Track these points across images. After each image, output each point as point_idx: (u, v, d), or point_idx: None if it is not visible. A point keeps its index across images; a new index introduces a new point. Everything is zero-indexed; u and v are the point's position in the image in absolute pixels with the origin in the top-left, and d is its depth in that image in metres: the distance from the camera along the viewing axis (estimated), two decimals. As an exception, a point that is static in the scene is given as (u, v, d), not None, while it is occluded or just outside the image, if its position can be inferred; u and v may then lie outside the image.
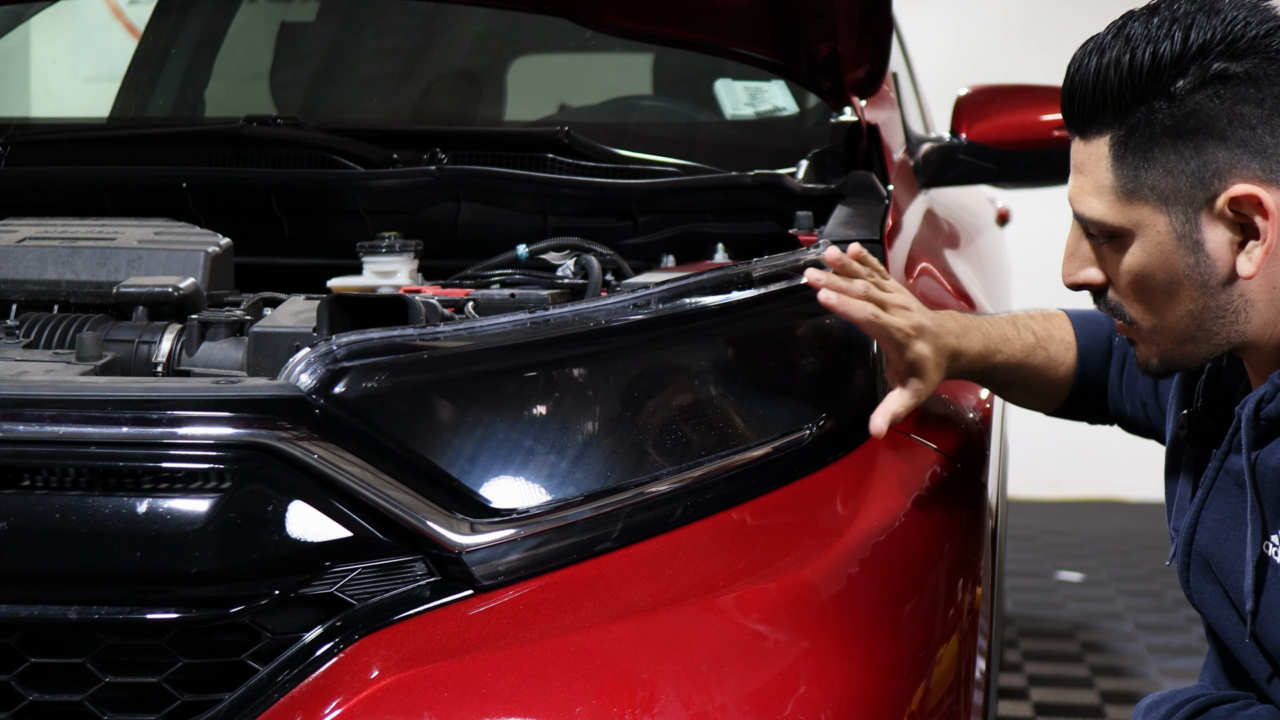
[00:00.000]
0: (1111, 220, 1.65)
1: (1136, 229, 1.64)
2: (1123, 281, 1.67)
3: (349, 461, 1.56)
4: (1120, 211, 1.64)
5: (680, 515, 1.66)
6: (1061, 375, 1.97)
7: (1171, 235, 1.62)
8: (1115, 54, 1.61)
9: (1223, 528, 1.71)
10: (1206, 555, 1.73)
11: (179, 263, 2.06)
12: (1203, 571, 1.75)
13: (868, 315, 1.78)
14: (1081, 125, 1.67)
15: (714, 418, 1.72)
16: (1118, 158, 1.63)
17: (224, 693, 1.55)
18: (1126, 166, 1.63)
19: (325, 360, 1.60)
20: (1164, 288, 1.65)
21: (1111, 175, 1.64)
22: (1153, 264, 1.64)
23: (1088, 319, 1.99)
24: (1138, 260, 1.65)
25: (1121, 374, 1.97)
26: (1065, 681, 4.20)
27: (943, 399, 2.00)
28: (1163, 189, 1.61)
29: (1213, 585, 1.74)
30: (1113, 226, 1.65)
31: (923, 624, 1.71)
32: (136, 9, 3.85)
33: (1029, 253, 5.69)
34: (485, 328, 1.68)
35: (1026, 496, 6.63)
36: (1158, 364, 1.71)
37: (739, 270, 1.83)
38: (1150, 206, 1.62)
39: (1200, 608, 1.77)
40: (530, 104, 3.32)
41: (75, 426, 1.55)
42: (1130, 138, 1.62)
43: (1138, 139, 1.62)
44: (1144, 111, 1.61)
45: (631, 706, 1.50)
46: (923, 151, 2.86)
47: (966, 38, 6.90)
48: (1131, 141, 1.62)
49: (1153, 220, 1.63)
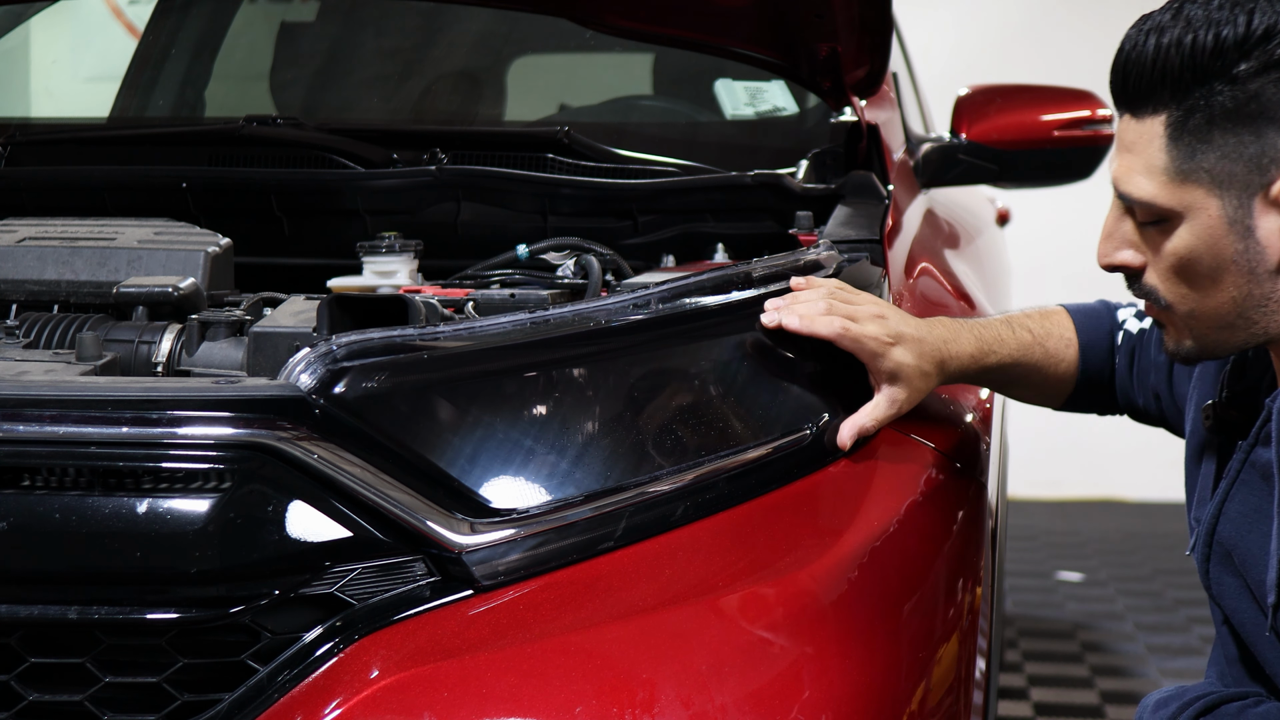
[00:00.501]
0: (1161, 201, 1.63)
1: (1187, 211, 1.62)
2: (1166, 264, 1.66)
3: (349, 461, 1.56)
4: (1171, 193, 1.62)
5: (680, 515, 1.66)
6: (1063, 371, 1.97)
7: (1223, 220, 1.61)
8: (1176, 34, 1.59)
9: (1247, 520, 1.70)
10: (1229, 547, 1.72)
11: (179, 263, 2.06)
12: (1224, 563, 1.74)
13: (836, 329, 1.77)
14: (1135, 104, 1.64)
15: (714, 418, 1.72)
16: (1173, 138, 1.61)
17: (224, 693, 1.55)
18: (1182, 147, 1.61)
19: (325, 360, 1.60)
20: (1209, 272, 1.63)
21: (1165, 155, 1.62)
22: (1200, 247, 1.62)
23: (1088, 313, 1.99)
24: (1185, 243, 1.63)
25: (1131, 367, 1.96)
26: (1065, 681, 4.20)
27: (942, 399, 2.00)
28: (1218, 172, 1.60)
29: (1233, 577, 1.73)
30: (1162, 208, 1.63)
31: (923, 624, 1.71)
32: (136, 9, 3.85)
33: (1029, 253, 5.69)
34: (485, 328, 1.68)
35: (1026, 496, 6.63)
36: (1189, 349, 1.70)
37: (739, 270, 1.83)
38: (1203, 189, 1.61)
39: (1218, 599, 1.76)
40: (530, 104, 3.32)
41: (75, 426, 1.55)
42: (1188, 118, 1.60)
43: (1196, 120, 1.60)
44: (1203, 93, 1.59)
45: (631, 706, 1.50)
46: (923, 151, 2.86)
47: (966, 38, 6.91)
48: (1189, 122, 1.60)
49: (1205, 203, 1.61)
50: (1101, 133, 2.93)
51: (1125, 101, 1.66)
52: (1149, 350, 1.95)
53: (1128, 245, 1.69)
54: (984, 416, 2.09)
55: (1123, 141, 1.67)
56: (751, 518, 1.68)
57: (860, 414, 1.78)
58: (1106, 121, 2.94)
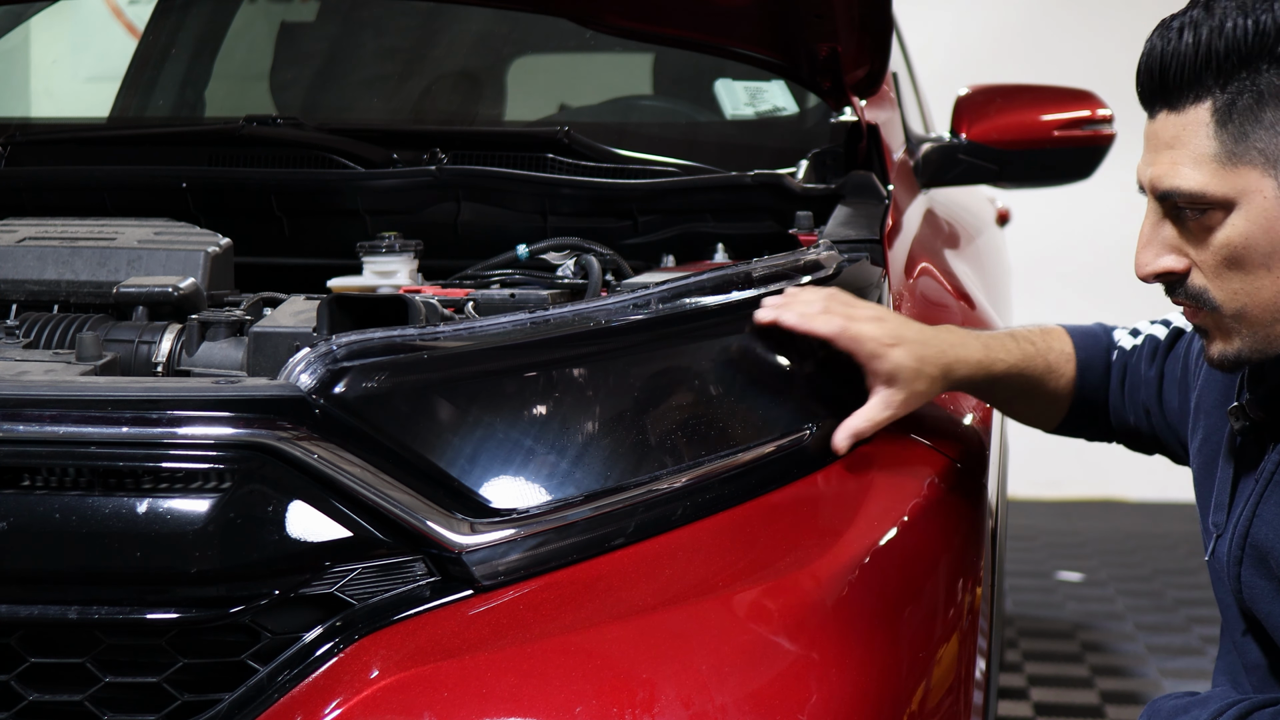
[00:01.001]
0: (1213, 190, 1.61)
1: (1240, 196, 1.60)
2: (1217, 258, 1.63)
3: (349, 461, 1.56)
4: (1223, 179, 1.61)
5: (680, 515, 1.66)
6: (1062, 387, 1.96)
7: (1278, 200, 1.59)
8: (1216, 24, 1.59)
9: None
10: (1265, 550, 1.70)
11: (179, 263, 2.06)
12: (1257, 566, 1.72)
13: (835, 327, 1.76)
14: (1174, 96, 1.63)
15: (714, 418, 1.72)
16: (1221, 123, 1.60)
17: (224, 693, 1.55)
18: (1232, 130, 1.60)
19: (325, 360, 1.60)
20: (1263, 259, 1.61)
21: (1213, 141, 1.61)
22: (1256, 232, 1.61)
23: (1085, 333, 1.99)
24: (1239, 230, 1.61)
25: (1123, 385, 1.96)
26: (1065, 681, 4.20)
27: (942, 398, 2.00)
28: (1271, 152, 1.59)
29: (1267, 580, 1.71)
30: (1214, 197, 1.61)
31: (923, 624, 1.71)
32: (136, 9, 3.85)
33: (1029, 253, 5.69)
34: (485, 328, 1.68)
35: (1026, 496, 6.63)
36: (1237, 353, 1.67)
37: (739, 270, 1.83)
38: (1258, 170, 1.60)
39: (1250, 603, 1.74)
40: (530, 104, 3.32)
41: (75, 426, 1.55)
42: (1236, 100, 1.59)
43: (1245, 101, 1.59)
44: (1250, 74, 1.59)
45: (631, 706, 1.50)
46: (923, 151, 2.86)
47: (966, 38, 6.91)
48: (1238, 104, 1.59)
49: (1259, 185, 1.60)
50: (1101, 133, 2.93)
51: (1162, 96, 1.64)
52: (1140, 366, 1.95)
53: (1169, 250, 1.67)
54: (984, 416, 2.09)
55: (1159, 140, 1.64)
56: (751, 518, 1.68)
57: (855, 416, 1.77)
58: (1107, 121, 2.94)
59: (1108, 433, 2.02)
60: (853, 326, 1.78)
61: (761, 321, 1.77)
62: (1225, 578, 1.77)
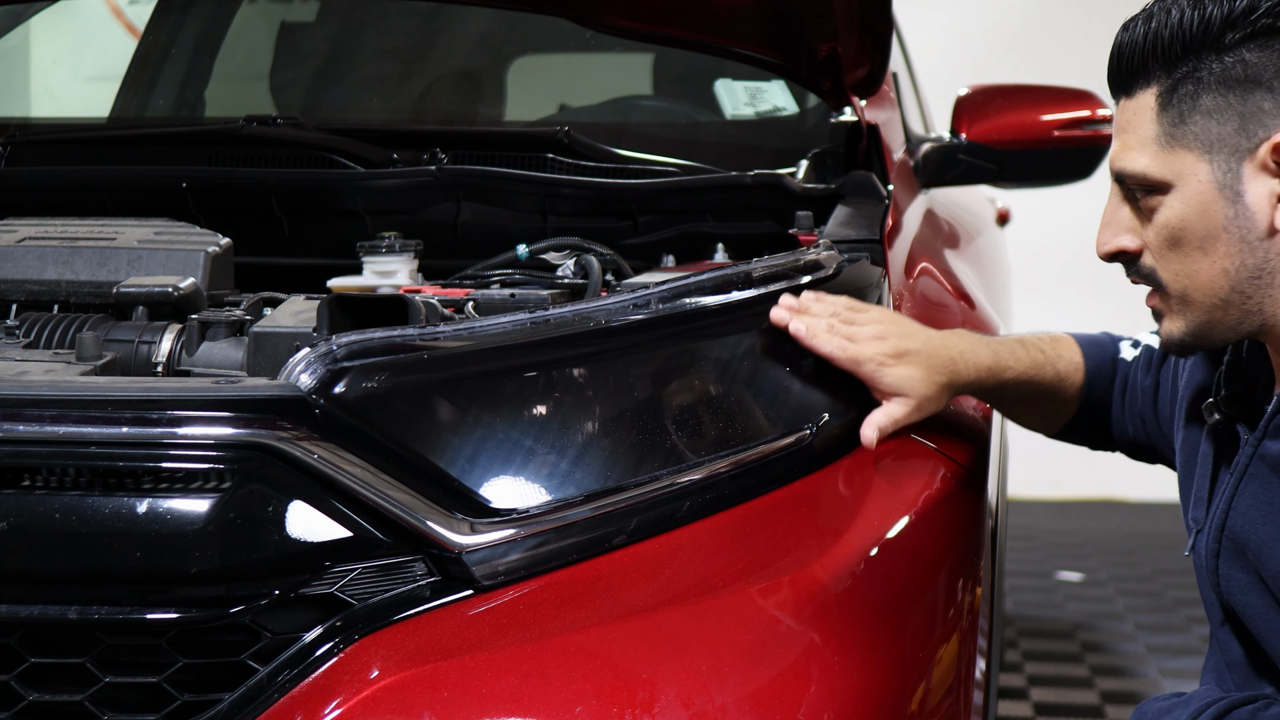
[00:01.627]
0: (1153, 172, 1.66)
1: (1177, 179, 1.65)
2: (1159, 238, 1.68)
3: (349, 461, 1.56)
4: (1162, 161, 1.66)
5: (680, 515, 1.66)
6: (1070, 394, 1.99)
7: (1212, 185, 1.64)
8: (1165, 15, 1.65)
9: (1260, 514, 1.71)
10: (1241, 541, 1.73)
11: (179, 263, 2.06)
12: (1235, 558, 1.74)
13: (835, 348, 1.79)
14: (1128, 83, 1.69)
15: (714, 418, 1.72)
16: (1163, 106, 1.65)
17: (224, 693, 1.55)
18: (1171, 114, 1.65)
19: (325, 360, 1.60)
20: (1200, 242, 1.65)
21: (1155, 125, 1.66)
22: (1191, 215, 1.65)
23: (1094, 342, 2.01)
24: (1176, 212, 1.66)
25: (1124, 393, 1.98)
26: (1065, 681, 4.20)
27: (943, 399, 2.00)
28: (1206, 137, 1.64)
29: (1244, 573, 1.74)
30: (1154, 179, 1.67)
31: (923, 624, 1.71)
32: (136, 9, 3.85)
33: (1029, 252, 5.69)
34: (485, 328, 1.68)
35: (1026, 496, 6.63)
36: (1181, 336, 1.71)
37: (739, 270, 1.83)
38: (1193, 155, 1.64)
39: (1228, 596, 1.77)
40: (530, 104, 3.32)
41: (75, 426, 1.55)
42: (1178, 87, 1.65)
43: (1185, 88, 1.64)
44: (1192, 63, 1.64)
45: (631, 706, 1.50)
46: (923, 151, 2.86)
47: (966, 38, 6.90)
48: (1179, 90, 1.65)
49: (1194, 169, 1.64)
50: (1101, 133, 2.93)
51: (1120, 84, 1.70)
52: (1137, 375, 1.98)
53: (1125, 230, 1.71)
54: (984, 416, 2.09)
55: (1118, 125, 1.71)
56: (752, 518, 1.68)
57: (878, 413, 1.80)
58: (1106, 121, 2.94)
59: (1109, 442, 2.04)
60: (851, 349, 1.80)
61: (773, 319, 1.79)
62: (1205, 571, 1.78)
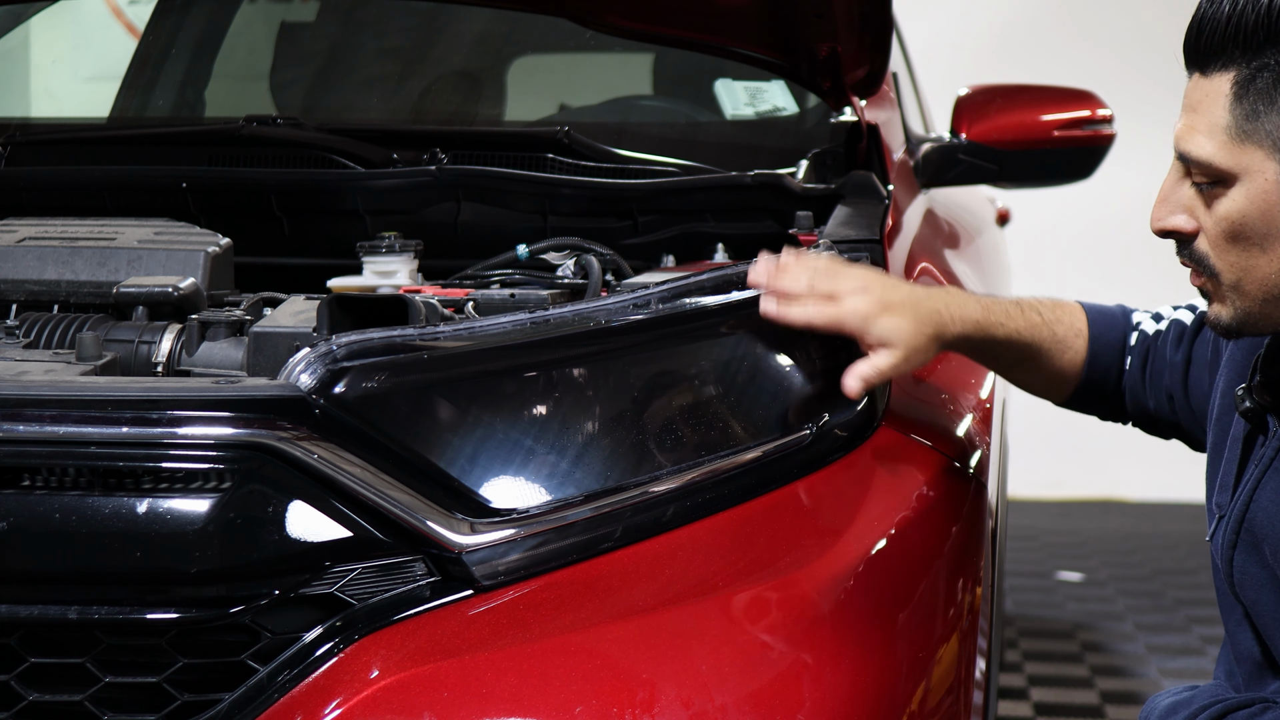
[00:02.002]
0: (1219, 162, 1.62)
1: (1243, 174, 1.61)
2: (1218, 229, 1.64)
3: (349, 461, 1.56)
4: (1229, 153, 1.62)
5: (680, 515, 1.66)
6: (1069, 360, 1.94)
7: (1278, 184, 1.60)
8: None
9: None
10: (1260, 537, 1.71)
11: (179, 263, 2.06)
12: (1251, 553, 1.72)
13: (812, 316, 1.75)
14: (1204, 61, 1.63)
15: (714, 418, 1.72)
16: (1238, 97, 1.61)
17: (224, 693, 1.55)
18: (1245, 106, 1.60)
19: (325, 360, 1.60)
20: (1259, 239, 1.62)
21: (1228, 114, 1.61)
22: (1253, 211, 1.62)
23: (1104, 312, 1.97)
24: (1238, 206, 1.62)
25: (1145, 368, 1.94)
26: (1065, 681, 4.20)
27: (942, 398, 2.00)
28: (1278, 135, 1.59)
29: (1260, 569, 1.72)
30: (1219, 168, 1.62)
31: (923, 624, 1.71)
32: (136, 9, 3.85)
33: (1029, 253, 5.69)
34: (485, 328, 1.68)
35: (1026, 496, 6.63)
36: (1229, 321, 1.68)
37: (739, 270, 1.83)
38: (1263, 152, 1.60)
39: (1240, 589, 1.75)
40: (530, 104, 3.32)
41: (75, 426, 1.55)
42: (1255, 77, 1.60)
43: (1264, 80, 1.59)
44: (1274, 53, 1.59)
45: (631, 706, 1.50)
46: (923, 151, 2.86)
47: (966, 38, 6.90)
48: (1257, 82, 1.60)
49: (1262, 166, 1.61)
50: (1101, 133, 2.93)
51: (1196, 59, 1.65)
52: (1164, 350, 1.93)
53: (1182, 210, 1.68)
54: (984, 416, 2.09)
55: (1188, 101, 1.65)
56: (751, 518, 1.68)
57: (863, 363, 1.76)
58: (1107, 121, 2.94)
59: (1121, 414, 2.00)
60: (829, 310, 1.75)
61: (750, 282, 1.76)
62: (1220, 561, 1.77)
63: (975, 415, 2.05)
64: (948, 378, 2.07)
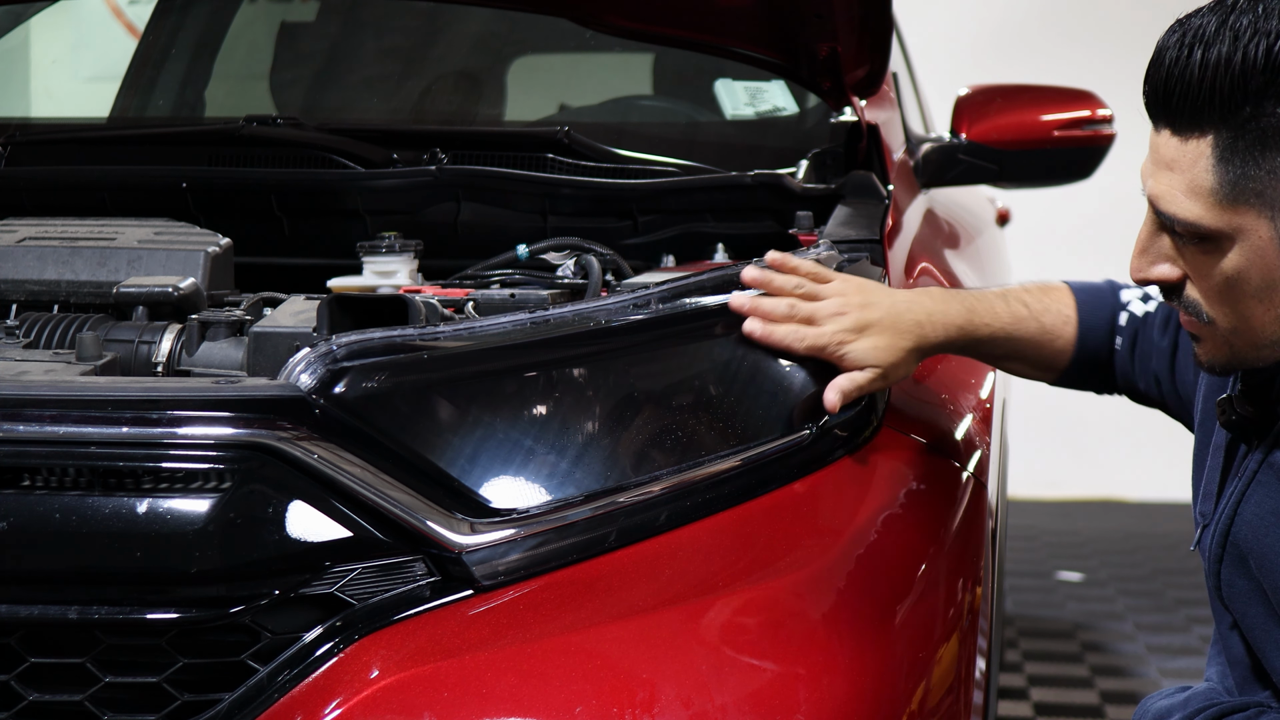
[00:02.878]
0: (1208, 223, 1.58)
1: (1236, 234, 1.57)
2: (1213, 283, 1.61)
3: (349, 461, 1.56)
4: (1219, 215, 1.57)
5: (680, 515, 1.65)
6: (1059, 347, 1.93)
7: (1274, 241, 1.56)
8: (1225, 51, 1.52)
9: (1264, 523, 1.67)
10: (1245, 550, 1.70)
11: (179, 263, 2.06)
12: (1237, 566, 1.71)
13: (791, 341, 1.75)
14: (1177, 122, 1.57)
15: (714, 418, 1.72)
16: (1222, 160, 1.55)
17: (224, 693, 1.55)
18: (1232, 169, 1.55)
19: (325, 360, 1.60)
20: (1257, 293, 1.59)
21: (1213, 178, 1.56)
22: (1250, 270, 1.58)
23: (1090, 291, 1.95)
24: (1233, 265, 1.58)
25: (1133, 349, 1.92)
26: (1065, 681, 4.20)
27: (942, 399, 2.00)
28: (1270, 194, 1.54)
29: (1246, 581, 1.71)
30: (1209, 229, 1.58)
31: (923, 624, 1.71)
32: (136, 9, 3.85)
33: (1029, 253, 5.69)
34: (485, 328, 1.68)
35: (1026, 496, 6.63)
36: (1223, 363, 1.66)
37: (739, 270, 1.83)
38: (1254, 211, 1.55)
39: (1229, 601, 1.74)
40: (530, 104, 3.32)
41: (75, 426, 1.55)
42: (1238, 140, 1.54)
43: (1246, 141, 1.53)
44: (1254, 112, 1.52)
45: (631, 706, 1.50)
46: (923, 151, 2.86)
47: (966, 38, 6.91)
48: (1239, 144, 1.54)
49: (1255, 226, 1.56)
50: (1101, 133, 2.93)
51: (1166, 118, 1.59)
52: (1151, 333, 1.91)
53: (1164, 260, 1.64)
54: (984, 416, 2.09)
55: (1161, 157, 1.60)
56: (751, 518, 1.68)
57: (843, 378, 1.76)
58: (1107, 121, 2.94)
59: (1112, 388, 1.98)
60: (809, 336, 1.75)
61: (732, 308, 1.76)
62: (1209, 573, 1.77)
63: (975, 415, 2.05)
64: (948, 378, 2.07)
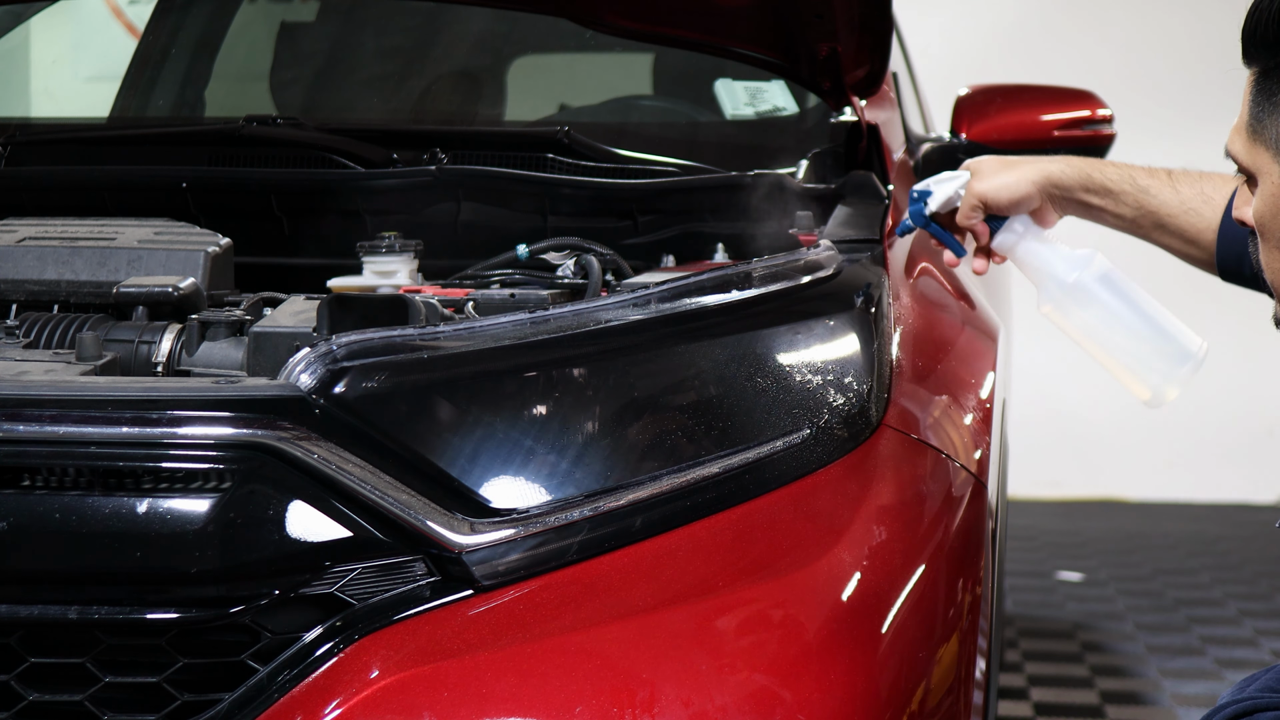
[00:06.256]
0: (1241, 159, 1.61)
1: (1258, 173, 1.60)
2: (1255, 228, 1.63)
3: (349, 461, 1.56)
4: (1248, 152, 1.60)
5: (680, 515, 1.66)
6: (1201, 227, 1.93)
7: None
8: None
9: None
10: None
11: (179, 263, 2.06)
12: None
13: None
14: (1245, 50, 1.60)
15: (714, 418, 1.72)
16: (1254, 95, 1.59)
17: (224, 693, 1.55)
18: (1257, 106, 1.58)
19: (325, 360, 1.60)
20: (1274, 239, 1.60)
21: (1247, 112, 1.60)
22: (1266, 211, 1.60)
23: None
24: (1257, 206, 1.61)
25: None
26: (1065, 681, 4.20)
27: (942, 399, 2.00)
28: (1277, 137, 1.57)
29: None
30: (1241, 165, 1.61)
31: (922, 624, 1.71)
32: (136, 9, 3.85)
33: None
34: (485, 328, 1.69)
35: (1026, 496, 6.62)
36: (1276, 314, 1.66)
37: (739, 270, 1.83)
38: (1269, 154, 1.58)
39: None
40: (530, 104, 3.32)
41: (75, 426, 1.55)
42: (1267, 78, 1.57)
43: (1271, 82, 1.57)
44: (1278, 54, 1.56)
45: (631, 706, 1.50)
46: (923, 151, 2.86)
47: (966, 38, 6.90)
48: (1266, 83, 1.57)
49: (1269, 169, 1.59)
50: (1101, 133, 2.93)
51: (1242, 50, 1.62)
52: None
53: (1245, 203, 1.66)
54: (984, 416, 2.09)
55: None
56: (751, 518, 1.68)
57: None
58: (1107, 121, 2.94)
59: None
60: None
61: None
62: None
63: (975, 415, 2.05)
64: (948, 377, 2.07)
